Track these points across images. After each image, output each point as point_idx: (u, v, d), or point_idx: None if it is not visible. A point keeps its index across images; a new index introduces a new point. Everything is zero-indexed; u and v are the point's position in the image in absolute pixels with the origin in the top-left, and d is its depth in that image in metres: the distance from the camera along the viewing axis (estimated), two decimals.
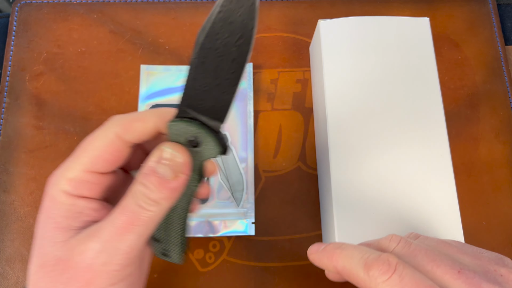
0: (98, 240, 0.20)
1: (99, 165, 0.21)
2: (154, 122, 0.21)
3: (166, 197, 0.20)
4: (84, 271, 0.20)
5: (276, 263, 0.35)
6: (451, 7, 0.43)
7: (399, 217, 0.31)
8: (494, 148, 0.39)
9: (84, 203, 0.21)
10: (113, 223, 0.20)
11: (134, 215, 0.20)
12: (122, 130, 0.21)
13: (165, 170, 0.20)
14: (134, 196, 0.20)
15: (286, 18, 0.43)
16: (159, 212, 0.20)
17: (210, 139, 0.20)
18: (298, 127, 0.39)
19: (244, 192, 0.37)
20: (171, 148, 0.20)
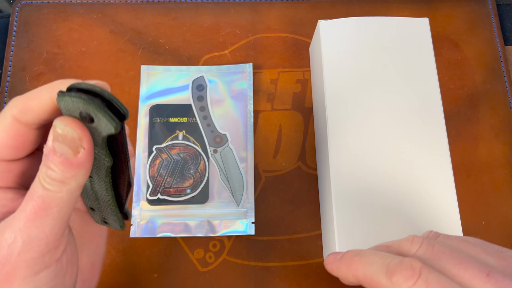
0: (11, 230, 0.19)
1: (3, 152, 0.20)
2: (49, 98, 0.19)
3: (72, 175, 0.19)
4: (2, 264, 0.19)
5: (276, 263, 0.35)
6: (451, 7, 0.43)
7: (399, 217, 0.31)
8: (494, 148, 0.39)
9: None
10: (24, 210, 0.19)
11: (43, 199, 0.19)
12: (19, 112, 0.19)
13: (63, 147, 0.18)
14: (40, 178, 0.19)
15: (286, 18, 0.43)
16: (70, 192, 0.19)
17: (102, 114, 0.18)
18: (298, 127, 0.39)
19: (244, 192, 0.37)
20: (63, 123, 0.18)
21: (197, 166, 0.37)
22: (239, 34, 0.42)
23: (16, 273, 0.19)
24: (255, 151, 0.38)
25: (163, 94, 0.39)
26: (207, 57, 0.41)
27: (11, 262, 0.19)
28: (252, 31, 0.42)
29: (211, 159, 0.37)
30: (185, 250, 0.35)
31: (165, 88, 0.39)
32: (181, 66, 0.40)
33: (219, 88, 0.39)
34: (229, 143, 0.38)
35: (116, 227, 0.25)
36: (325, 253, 0.35)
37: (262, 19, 0.42)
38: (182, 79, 0.39)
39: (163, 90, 0.39)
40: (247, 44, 0.42)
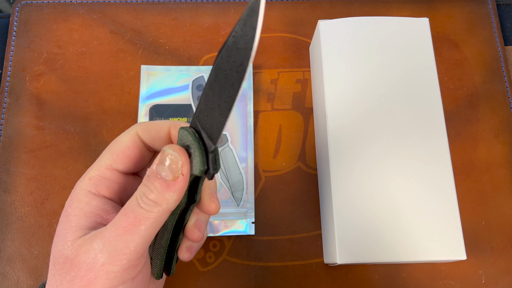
0: (100, 239, 0.20)
1: (119, 161, 0.23)
2: (168, 127, 0.23)
3: (165, 198, 0.20)
4: (87, 270, 0.20)
5: (276, 263, 0.35)
6: (451, 8, 0.44)
7: (399, 217, 0.31)
8: (494, 148, 0.39)
9: (98, 203, 0.22)
10: (115, 223, 0.20)
11: (135, 215, 0.20)
12: (141, 130, 0.23)
13: (165, 170, 0.20)
14: (136, 196, 0.21)
15: (286, 19, 0.43)
16: (159, 214, 0.21)
17: (198, 153, 0.20)
18: (298, 127, 0.39)
19: (244, 192, 0.37)
20: (171, 148, 0.21)
21: None
22: None
23: (96, 282, 0.20)
24: (255, 151, 0.38)
25: (163, 94, 0.39)
26: (207, 57, 0.41)
27: (94, 271, 0.20)
28: None
29: None
30: None
31: (165, 88, 0.39)
32: (181, 66, 0.40)
33: None
34: (229, 143, 0.38)
35: (153, 273, 0.26)
36: (325, 253, 0.35)
37: None
38: (182, 79, 0.40)
39: (163, 90, 0.39)
40: None
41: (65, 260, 0.20)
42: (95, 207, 0.22)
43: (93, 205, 0.22)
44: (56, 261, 0.21)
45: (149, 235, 0.21)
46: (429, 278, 0.35)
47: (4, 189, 0.36)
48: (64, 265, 0.20)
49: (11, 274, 0.34)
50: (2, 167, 0.37)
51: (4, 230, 0.35)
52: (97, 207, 0.22)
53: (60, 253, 0.21)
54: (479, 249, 0.36)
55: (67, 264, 0.20)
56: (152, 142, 0.24)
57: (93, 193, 0.22)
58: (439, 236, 0.30)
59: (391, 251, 0.30)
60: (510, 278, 0.35)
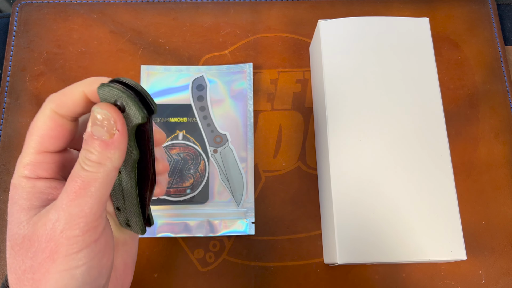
0: (55, 209, 0.20)
1: (47, 143, 0.22)
2: (82, 91, 0.22)
3: (107, 156, 0.21)
4: (47, 241, 0.20)
5: (276, 263, 0.35)
6: (451, 7, 0.43)
7: (399, 217, 0.31)
8: (494, 148, 0.39)
9: (43, 183, 0.22)
10: (66, 191, 0.21)
11: (82, 179, 0.20)
12: (56, 106, 0.22)
13: (99, 130, 0.20)
14: (79, 161, 0.21)
15: (286, 18, 0.43)
16: (106, 173, 0.21)
17: (131, 102, 0.20)
18: (298, 127, 0.39)
19: (244, 192, 0.37)
20: (99, 107, 0.20)
21: (197, 166, 0.37)
22: (239, 34, 0.42)
23: (59, 250, 0.20)
24: (255, 151, 0.38)
25: (163, 94, 0.39)
26: (207, 57, 0.41)
27: (55, 239, 0.20)
28: (252, 31, 0.42)
29: (211, 159, 0.37)
30: (185, 250, 0.35)
31: (165, 88, 0.39)
32: (181, 66, 0.40)
33: (219, 88, 0.39)
34: (229, 143, 0.38)
35: (137, 231, 0.26)
36: (325, 253, 0.35)
37: (262, 19, 0.42)
38: (182, 79, 0.39)
39: (163, 90, 0.39)
40: (247, 44, 0.42)
41: (22, 239, 0.21)
42: (42, 187, 0.22)
43: (39, 186, 0.22)
44: (13, 244, 0.21)
45: (101, 195, 0.21)
46: (429, 278, 0.35)
47: (4, 189, 0.36)
48: (23, 244, 0.21)
49: None
50: (2, 167, 0.37)
51: (4, 230, 0.35)
52: (43, 187, 0.22)
53: (16, 235, 0.21)
54: (479, 249, 0.36)
55: (26, 242, 0.21)
56: (72, 113, 0.23)
57: (33, 178, 0.22)
58: (439, 236, 0.30)
59: (391, 251, 0.30)
60: (510, 278, 0.35)
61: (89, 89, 0.22)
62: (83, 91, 0.22)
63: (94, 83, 0.22)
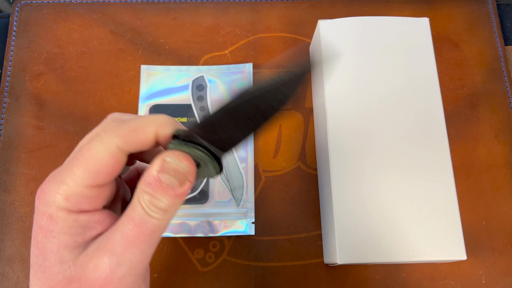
0: (111, 254, 0.19)
1: (99, 178, 0.20)
2: (155, 132, 0.21)
3: (173, 204, 0.20)
4: (101, 286, 0.19)
5: (276, 263, 0.35)
6: (451, 7, 0.43)
7: (399, 217, 0.31)
8: (494, 148, 0.39)
9: (87, 217, 0.20)
10: (124, 235, 0.20)
11: (144, 225, 0.20)
12: (123, 143, 0.20)
13: (171, 180, 0.20)
14: (142, 205, 0.20)
15: (286, 18, 0.43)
16: (167, 219, 0.21)
17: (211, 164, 0.21)
18: (298, 127, 0.39)
19: (244, 192, 0.37)
20: (176, 158, 0.20)
21: None
22: (239, 34, 0.42)
23: None
24: (255, 151, 0.38)
25: (163, 94, 0.39)
26: (207, 57, 0.41)
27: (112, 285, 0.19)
28: (252, 31, 0.42)
29: None
30: (185, 250, 0.35)
31: (165, 88, 0.39)
32: (181, 66, 0.40)
33: (219, 88, 0.39)
34: None
35: None
36: (325, 253, 0.35)
37: (262, 19, 0.42)
38: (182, 79, 0.39)
39: (163, 90, 0.39)
40: (247, 44, 0.42)
41: (68, 281, 0.19)
42: (86, 222, 0.20)
43: (83, 221, 0.20)
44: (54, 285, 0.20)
45: (157, 240, 0.21)
46: (429, 278, 0.35)
47: (4, 189, 0.36)
48: (69, 286, 0.19)
49: (11, 274, 0.34)
50: (2, 167, 0.37)
51: (4, 230, 0.35)
52: (87, 221, 0.20)
53: (59, 275, 0.19)
54: (479, 249, 0.36)
55: (74, 285, 0.19)
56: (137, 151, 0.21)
57: (75, 212, 0.20)
58: (439, 236, 0.30)
59: (391, 251, 0.30)
60: (510, 278, 0.35)
61: (163, 131, 0.21)
62: (155, 131, 0.21)
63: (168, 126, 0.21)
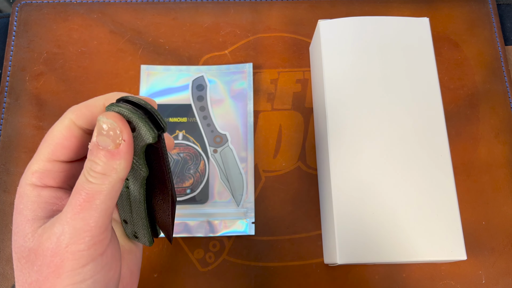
0: (59, 223, 0.20)
1: (59, 152, 0.22)
2: (103, 104, 0.22)
3: (113, 167, 0.20)
4: (52, 256, 0.20)
5: (276, 263, 0.35)
6: (451, 7, 0.43)
7: (399, 217, 0.31)
8: (494, 148, 0.39)
9: (48, 192, 0.22)
10: (70, 204, 0.20)
11: (87, 191, 0.20)
12: (76, 116, 0.22)
13: (105, 140, 0.20)
14: (84, 172, 0.20)
15: (286, 18, 0.43)
16: (111, 184, 0.20)
17: (142, 124, 0.20)
18: (298, 127, 0.39)
19: (244, 192, 0.37)
20: (105, 117, 0.20)
21: (197, 166, 0.37)
22: (239, 34, 0.42)
23: (64, 265, 0.20)
24: (255, 151, 0.38)
25: (163, 94, 0.39)
26: (207, 57, 0.41)
27: (60, 254, 0.20)
28: (252, 31, 0.42)
29: (211, 159, 0.37)
30: (185, 250, 0.35)
31: (165, 88, 0.39)
32: (181, 66, 0.40)
33: (219, 88, 0.39)
34: (229, 143, 0.38)
35: (145, 242, 0.26)
36: (325, 253, 0.35)
37: (262, 19, 0.42)
38: (182, 79, 0.39)
39: (163, 90, 0.39)
40: (247, 44, 0.42)
41: (28, 252, 0.20)
42: (47, 197, 0.22)
43: (44, 196, 0.22)
44: (20, 256, 0.21)
45: (107, 207, 0.20)
46: (429, 278, 0.35)
47: (4, 189, 0.36)
48: (29, 258, 0.20)
49: (11, 274, 0.34)
50: (1, 167, 0.37)
51: (4, 230, 0.35)
52: (49, 197, 0.22)
53: (22, 247, 0.21)
54: (479, 249, 0.36)
55: (32, 256, 0.20)
56: (90, 125, 0.22)
57: (40, 186, 0.22)
58: (439, 236, 0.30)
59: (391, 251, 0.30)
60: (510, 278, 0.35)
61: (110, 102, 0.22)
62: (103, 104, 0.22)
63: (115, 97, 0.22)
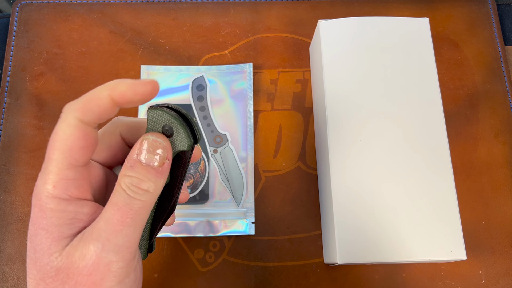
0: (96, 240, 0.19)
1: (77, 155, 0.20)
2: (108, 95, 0.20)
3: (155, 185, 0.20)
4: (89, 274, 0.19)
5: (276, 263, 0.35)
6: (451, 7, 0.43)
7: (399, 217, 0.31)
8: (494, 148, 0.39)
9: (75, 207, 0.20)
10: (108, 220, 0.20)
11: (128, 207, 0.20)
12: (81, 113, 0.20)
13: (150, 158, 0.20)
14: (124, 188, 0.20)
15: (286, 18, 0.43)
16: (150, 200, 0.21)
17: (182, 129, 0.21)
18: (298, 127, 0.39)
19: (244, 192, 0.37)
20: (154, 136, 0.21)
21: (197, 166, 0.37)
22: (239, 34, 0.42)
23: (104, 283, 0.20)
24: (255, 151, 0.38)
25: (163, 94, 0.39)
26: (207, 57, 0.41)
27: (99, 272, 0.19)
28: (252, 31, 0.42)
29: (211, 159, 0.37)
30: (185, 250, 0.35)
31: (165, 88, 0.39)
32: (181, 66, 0.40)
33: (219, 88, 0.39)
34: (229, 143, 0.38)
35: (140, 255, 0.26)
36: (325, 253, 0.35)
37: (262, 19, 0.42)
38: (182, 79, 0.40)
39: (163, 90, 0.39)
40: (247, 44, 0.42)
41: (56, 272, 0.20)
42: (73, 213, 0.20)
43: (71, 211, 0.20)
44: (44, 276, 0.20)
45: (142, 223, 0.21)
46: (429, 278, 0.35)
47: (4, 189, 0.36)
48: (58, 277, 0.20)
49: (11, 274, 0.34)
50: (2, 167, 0.37)
51: (4, 230, 0.35)
52: (75, 213, 0.20)
53: (47, 267, 0.20)
54: (479, 249, 0.36)
55: (62, 275, 0.19)
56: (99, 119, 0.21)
57: (66, 199, 0.20)
58: (439, 236, 0.30)
59: (391, 251, 0.30)
60: (510, 278, 0.35)
61: (116, 92, 0.20)
62: (109, 94, 0.20)
63: (119, 85, 0.20)
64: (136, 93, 0.20)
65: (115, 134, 0.23)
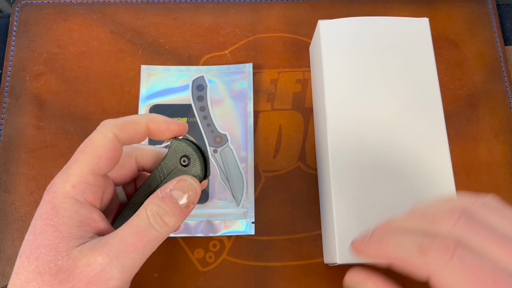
0: (106, 254, 0.20)
1: (103, 164, 0.22)
2: (147, 124, 0.23)
3: (176, 222, 0.22)
4: (88, 283, 0.20)
5: (276, 263, 0.35)
6: (451, 8, 0.43)
7: None
8: (494, 148, 0.39)
9: (86, 212, 0.22)
10: (123, 239, 0.20)
11: (145, 234, 0.21)
12: (120, 131, 0.22)
13: (183, 197, 0.22)
14: (148, 215, 0.21)
15: (286, 18, 0.43)
16: (165, 234, 0.22)
17: (198, 162, 0.24)
18: (298, 127, 0.39)
19: (244, 192, 0.37)
20: (191, 179, 0.22)
21: None
22: (239, 34, 0.42)
23: None
24: (255, 151, 0.38)
25: (163, 94, 0.39)
26: (207, 57, 0.41)
27: (97, 284, 0.20)
28: (252, 31, 0.42)
29: (211, 159, 0.37)
30: (185, 250, 0.35)
31: (165, 88, 0.39)
32: (181, 66, 0.40)
33: (219, 88, 0.39)
34: (229, 143, 0.38)
35: None
36: (325, 253, 0.35)
37: (262, 19, 0.42)
38: (182, 79, 0.40)
39: (163, 90, 0.39)
40: (247, 44, 0.42)
41: (58, 271, 0.20)
42: (84, 217, 0.21)
43: (82, 214, 0.21)
44: (44, 271, 0.20)
45: (150, 252, 0.22)
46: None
47: (4, 189, 0.36)
48: (57, 276, 0.20)
49: (11, 274, 0.34)
50: (2, 167, 0.37)
51: (4, 230, 0.35)
52: (85, 217, 0.21)
53: (51, 264, 0.20)
54: None
55: (62, 276, 0.20)
56: (131, 141, 0.23)
57: (80, 202, 0.21)
58: None
59: None
60: None
61: (153, 123, 0.23)
62: (147, 123, 0.23)
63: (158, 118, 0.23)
64: (168, 128, 0.24)
65: (131, 156, 0.25)
